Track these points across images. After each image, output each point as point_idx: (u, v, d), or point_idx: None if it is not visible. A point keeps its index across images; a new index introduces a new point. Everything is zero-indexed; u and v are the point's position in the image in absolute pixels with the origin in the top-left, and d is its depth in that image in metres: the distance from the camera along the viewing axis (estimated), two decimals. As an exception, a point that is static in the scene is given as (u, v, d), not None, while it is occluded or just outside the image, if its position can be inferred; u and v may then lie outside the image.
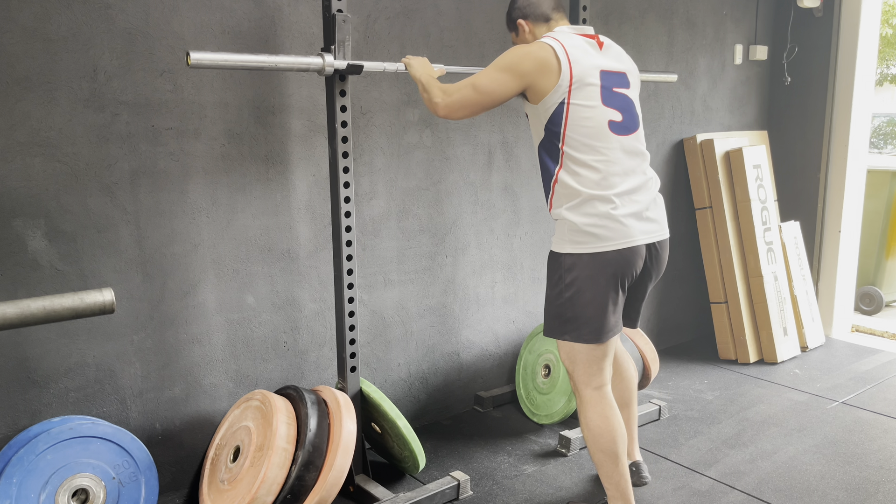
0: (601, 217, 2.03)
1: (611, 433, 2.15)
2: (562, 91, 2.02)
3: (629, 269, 2.09)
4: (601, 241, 2.04)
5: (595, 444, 2.17)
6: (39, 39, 2.07)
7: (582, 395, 2.18)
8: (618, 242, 2.04)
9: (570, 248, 2.07)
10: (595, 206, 2.04)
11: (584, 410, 2.19)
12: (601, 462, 2.18)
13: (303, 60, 2.20)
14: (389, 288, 2.93)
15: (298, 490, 2.18)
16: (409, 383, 3.07)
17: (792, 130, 4.34)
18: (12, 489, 1.99)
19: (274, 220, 2.59)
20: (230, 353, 2.56)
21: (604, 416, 2.15)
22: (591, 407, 2.16)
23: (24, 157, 2.09)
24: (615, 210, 2.04)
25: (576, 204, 2.05)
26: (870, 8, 4.03)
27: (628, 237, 2.05)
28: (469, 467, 2.74)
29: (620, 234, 2.04)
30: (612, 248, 2.04)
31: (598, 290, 2.06)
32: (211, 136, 2.40)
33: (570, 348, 2.15)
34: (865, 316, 4.89)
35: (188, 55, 1.95)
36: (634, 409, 2.55)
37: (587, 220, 2.04)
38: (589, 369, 2.15)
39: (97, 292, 1.58)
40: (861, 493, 2.55)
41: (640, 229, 2.09)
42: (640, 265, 2.12)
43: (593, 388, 2.16)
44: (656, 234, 2.15)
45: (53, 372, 2.22)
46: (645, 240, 2.10)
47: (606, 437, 2.15)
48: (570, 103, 2.03)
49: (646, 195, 2.13)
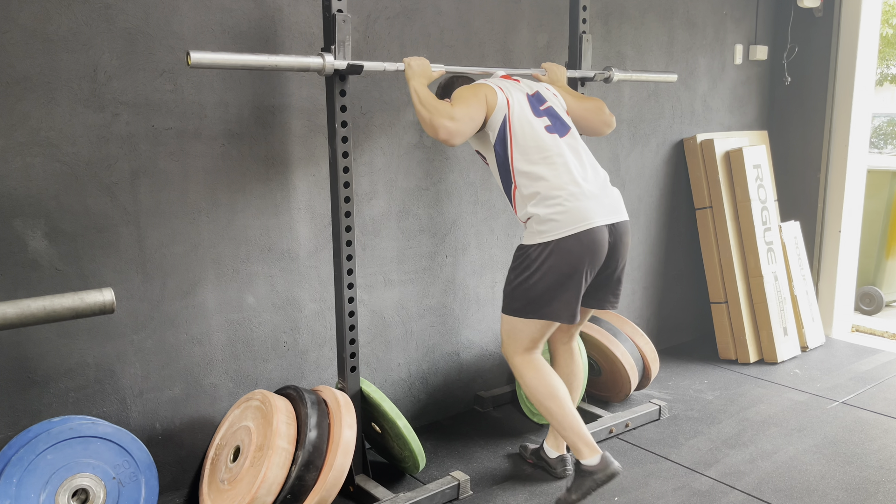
0: (561, 205, 2.26)
1: (546, 383, 2.40)
2: (501, 111, 2.33)
3: (594, 251, 2.27)
4: (564, 227, 2.24)
5: (538, 398, 2.40)
6: (39, 39, 2.07)
7: (513, 362, 2.44)
8: (579, 226, 2.24)
9: (538, 238, 2.29)
10: (553, 197, 2.27)
11: (519, 374, 2.43)
12: (549, 410, 2.39)
13: (303, 60, 2.20)
14: (389, 288, 2.93)
15: (298, 490, 2.18)
16: (409, 383, 3.07)
17: (792, 130, 4.34)
18: (12, 489, 1.99)
19: (274, 220, 2.59)
20: (230, 353, 2.56)
21: (536, 372, 2.41)
22: (524, 369, 2.42)
23: (24, 157, 2.09)
24: (572, 197, 2.26)
25: (537, 200, 2.28)
26: (870, 8, 4.03)
27: (587, 220, 2.25)
28: (469, 467, 2.74)
29: (580, 217, 2.25)
30: (574, 231, 2.24)
31: (563, 273, 2.27)
32: (211, 136, 2.40)
33: (515, 324, 2.38)
34: (865, 316, 4.89)
35: (188, 55, 1.95)
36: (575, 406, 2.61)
37: (549, 210, 2.26)
38: (524, 343, 2.40)
39: (97, 292, 1.58)
40: (861, 493, 2.55)
41: (598, 211, 2.29)
42: (604, 247, 2.30)
43: (527, 353, 2.43)
44: (615, 216, 2.34)
45: (53, 372, 2.22)
46: (604, 220, 2.29)
47: (545, 385, 2.40)
48: (511, 119, 2.33)
49: (596, 183, 2.35)
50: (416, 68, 2.36)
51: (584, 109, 2.59)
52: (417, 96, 2.30)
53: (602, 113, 2.61)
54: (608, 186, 2.40)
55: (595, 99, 2.63)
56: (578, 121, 2.58)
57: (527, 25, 3.16)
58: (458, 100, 2.31)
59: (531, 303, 2.32)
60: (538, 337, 2.40)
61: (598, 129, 2.65)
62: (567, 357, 2.66)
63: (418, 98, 2.29)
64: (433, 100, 2.27)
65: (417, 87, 2.32)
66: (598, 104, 2.61)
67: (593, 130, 2.66)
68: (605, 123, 2.63)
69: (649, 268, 3.96)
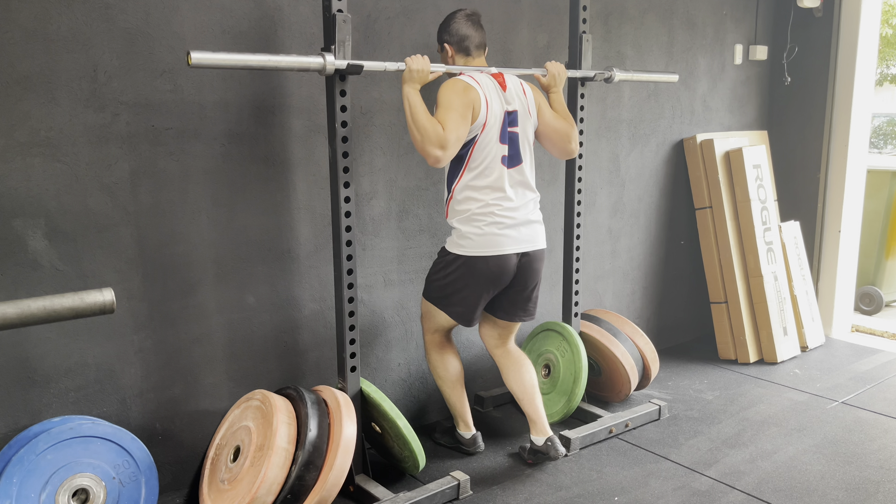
0: (481, 229, 2.47)
1: (447, 366, 2.75)
2: (476, 129, 2.42)
3: (498, 274, 2.52)
4: (478, 248, 2.48)
5: (435, 372, 2.77)
6: (39, 39, 2.07)
7: (426, 339, 2.77)
8: (489, 250, 2.48)
9: (456, 249, 2.53)
10: (478, 221, 2.47)
11: (429, 354, 2.77)
12: (444, 391, 2.79)
13: (303, 60, 2.20)
14: (389, 288, 2.93)
15: (298, 490, 2.18)
16: (409, 383, 3.07)
17: (792, 130, 4.34)
18: (13, 489, 1.99)
19: (274, 220, 2.59)
20: (230, 352, 2.56)
21: (443, 354, 2.75)
22: (430, 347, 2.76)
23: (24, 157, 2.09)
24: (493, 225, 2.47)
25: (464, 218, 2.49)
26: (870, 8, 4.03)
27: (499, 247, 2.49)
28: (469, 467, 2.74)
29: (493, 244, 2.48)
30: (484, 254, 2.48)
31: (467, 286, 2.53)
32: (211, 136, 2.40)
33: (429, 308, 2.68)
34: (865, 316, 4.89)
35: (189, 55, 1.95)
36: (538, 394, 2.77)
37: (470, 230, 2.48)
38: (435, 327, 2.71)
39: (97, 292, 1.58)
40: (861, 493, 2.55)
41: (512, 241, 2.51)
42: (509, 272, 2.54)
43: (437, 334, 2.74)
44: (528, 245, 2.55)
45: (54, 372, 2.22)
46: (514, 250, 2.52)
47: (447, 368, 2.75)
48: (478, 141, 2.44)
49: (521, 215, 2.53)
50: (415, 73, 2.36)
51: (554, 131, 2.63)
52: (409, 107, 2.34)
53: (568, 141, 2.65)
54: (532, 219, 2.57)
55: (571, 124, 2.65)
56: (543, 139, 2.66)
57: (527, 25, 3.16)
58: (447, 111, 2.35)
59: (441, 298, 2.61)
60: (444, 325, 2.69)
61: (558, 153, 2.70)
62: (505, 359, 2.79)
63: (410, 111, 2.34)
64: (425, 117, 2.31)
65: (410, 94, 2.35)
66: (568, 130, 2.64)
67: (552, 151, 2.71)
68: (566, 151, 2.68)
69: (649, 268, 3.96)
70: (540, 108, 2.62)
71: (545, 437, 2.72)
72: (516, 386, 2.76)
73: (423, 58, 2.38)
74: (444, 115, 2.34)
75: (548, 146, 2.69)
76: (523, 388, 2.75)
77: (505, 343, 2.80)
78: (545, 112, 2.63)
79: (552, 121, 2.63)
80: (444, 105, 2.37)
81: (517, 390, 2.76)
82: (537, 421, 2.74)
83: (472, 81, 2.44)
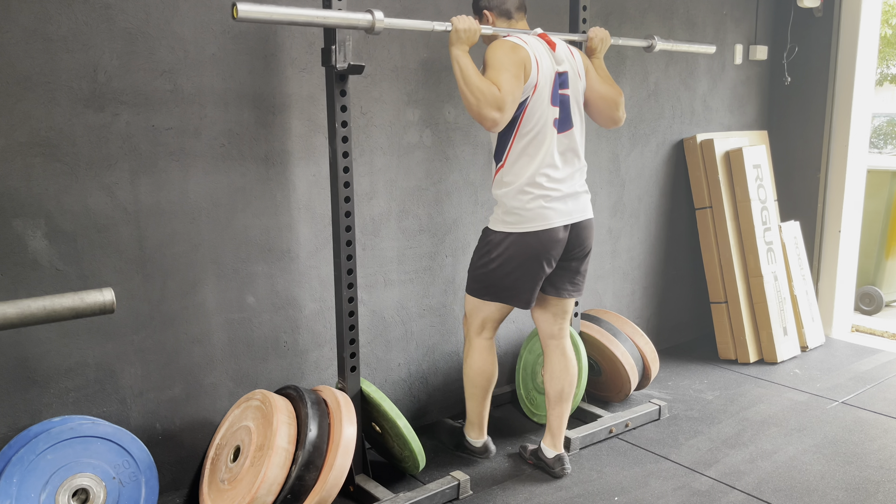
0: (529, 202, 2.35)
1: (488, 373, 2.63)
2: (527, 91, 2.29)
3: (547, 249, 2.40)
4: (525, 223, 2.37)
5: (473, 381, 2.64)
6: (39, 39, 2.07)
7: (471, 342, 2.62)
8: (538, 224, 2.36)
9: (501, 226, 2.41)
10: (526, 192, 2.35)
11: (470, 352, 2.63)
12: (473, 394, 2.67)
13: (351, 17, 2.13)
14: (389, 288, 2.93)
15: (299, 490, 2.18)
16: (409, 383, 3.07)
17: (792, 130, 4.34)
18: (13, 489, 1.99)
19: (274, 220, 2.59)
20: (230, 352, 2.56)
21: (486, 360, 2.62)
22: (478, 352, 2.61)
23: (24, 157, 2.09)
24: (541, 198, 2.36)
25: (511, 190, 2.37)
26: (870, 8, 4.03)
27: (546, 220, 2.37)
28: (469, 467, 2.74)
29: (541, 217, 2.36)
30: (532, 229, 2.36)
31: (517, 265, 2.41)
32: (211, 136, 2.41)
33: (476, 304, 2.55)
34: (865, 316, 4.89)
35: (234, 7, 1.91)
36: (569, 406, 2.69)
37: (516, 204, 2.36)
38: (486, 324, 2.58)
39: (97, 292, 1.58)
40: (861, 493, 2.55)
41: (560, 212, 2.39)
42: (560, 244, 2.42)
43: (484, 337, 2.61)
44: (577, 216, 2.45)
45: (54, 372, 2.22)
46: (563, 222, 2.40)
47: (484, 375, 2.63)
48: (529, 103, 2.31)
49: (569, 184, 2.42)
50: (463, 34, 2.25)
51: (600, 97, 2.52)
52: (460, 70, 2.22)
53: (616, 108, 2.55)
54: (579, 190, 2.46)
55: (618, 90, 2.55)
56: (589, 106, 2.54)
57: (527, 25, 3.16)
58: (499, 71, 2.22)
59: (490, 286, 2.48)
60: (495, 318, 2.58)
61: (604, 121, 2.60)
62: (557, 354, 2.66)
63: (461, 73, 2.21)
64: (478, 79, 2.19)
65: (460, 57, 2.24)
66: (616, 97, 2.54)
67: (598, 119, 2.60)
68: (613, 120, 2.58)
69: (649, 268, 3.96)
70: (588, 72, 2.51)
71: (556, 452, 2.67)
72: (551, 388, 2.66)
73: (469, 17, 2.28)
74: (497, 76, 2.21)
75: (594, 114, 2.57)
76: (558, 393, 2.64)
77: (560, 332, 2.65)
78: (592, 76, 2.52)
79: (599, 86, 2.52)
80: (495, 65, 2.24)
81: (550, 392, 2.66)
82: (556, 434, 2.68)
83: (520, 41, 2.31)
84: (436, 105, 2.94)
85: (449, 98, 2.97)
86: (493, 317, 2.58)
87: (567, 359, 2.66)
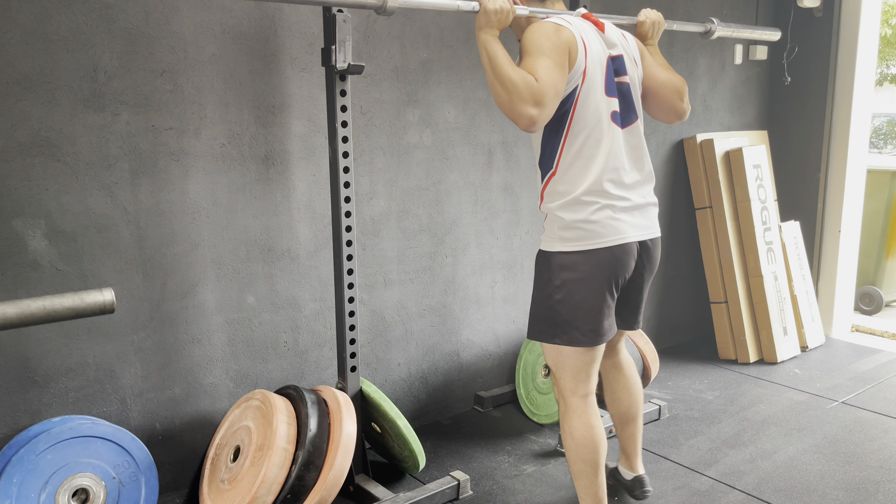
0: (593, 213, 1.95)
1: (595, 443, 2.06)
2: (575, 80, 1.91)
3: (621, 267, 2.00)
4: (592, 239, 1.95)
5: (578, 454, 2.07)
6: (39, 39, 2.07)
7: (568, 403, 2.08)
8: (610, 240, 1.96)
9: (559, 245, 1.99)
10: (589, 203, 1.95)
11: (568, 419, 2.08)
12: (581, 472, 2.08)
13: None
14: (389, 288, 2.93)
15: (298, 490, 2.18)
16: (409, 383, 3.07)
17: (792, 130, 4.34)
18: (13, 489, 1.99)
19: (274, 220, 2.59)
20: (230, 352, 2.56)
21: (589, 426, 2.06)
22: (577, 416, 2.07)
23: (24, 157, 2.09)
24: (608, 207, 1.96)
25: (568, 200, 1.96)
26: (870, 8, 4.03)
27: (620, 234, 1.98)
28: (469, 467, 2.74)
29: (612, 230, 1.97)
30: (603, 245, 1.96)
31: (590, 291, 1.97)
32: (211, 136, 2.41)
33: (557, 353, 2.05)
34: (865, 316, 4.89)
35: None
36: (640, 424, 2.42)
37: (578, 217, 1.95)
38: (577, 376, 2.06)
39: (97, 292, 1.58)
40: (861, 493, 2.55)
41: (633, 225, 2.02)
42: (632, 264, 2.04)
43: (580, 395, 2.08)
44: (648, 232, 2.09)
45: (54, 372, 2.22)
46: (637, 237, 2.03)
47: (591, 447, 2.06)
48: (580, 95, 1.92)
49: (640, 192, 2.06)
50: (493, 15, 1.90)
51: (661, 84, 2.14)
52: (489, 58, 1.85)
53: (680, 98, 2.16)
54: (650, 201, 2.11)
55: (680, 77, 2.18)
56: (648, 97, 2.17)
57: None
58: (537, 57, 1.83)
59: (558, 324, 2.01)
60: (582, 366, 2.04)
61: (666, 114, 2.21)
62: (612, 372, 2.37)
63: (490, 62, 1.85)
64: (511, 69, 1.81)
65: (488, 43, 1.88)
66: (679, 83, 2.16)
67: (659, 113, 2.22)
68: (676, 112, 2.19)
69: (649, 268, 3.96)
70: (644, 58, 2.13)
71: (634, 474, 2.43)
72: (613, 409, 2.39)
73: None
74: (535, 63, 1.82)
75: (654, 106, 2.18)
76: (622, 414, 2.37)
77: (614, 351, 2.33)
78: (649, 63, 2.14)
79: (659, 72, 2.14)
80: (533, 51, 1.84)
81: (613, 414, 2.40)
82: (630, 455, 2.43)
83: (564, 21, 1.93)
84: (436, 105, 2.94)
85: (449, 98, 2.97)
86: (577, 365, 2.05)
87: (625, 375, 2.36)
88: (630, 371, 2.37)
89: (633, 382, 2.38)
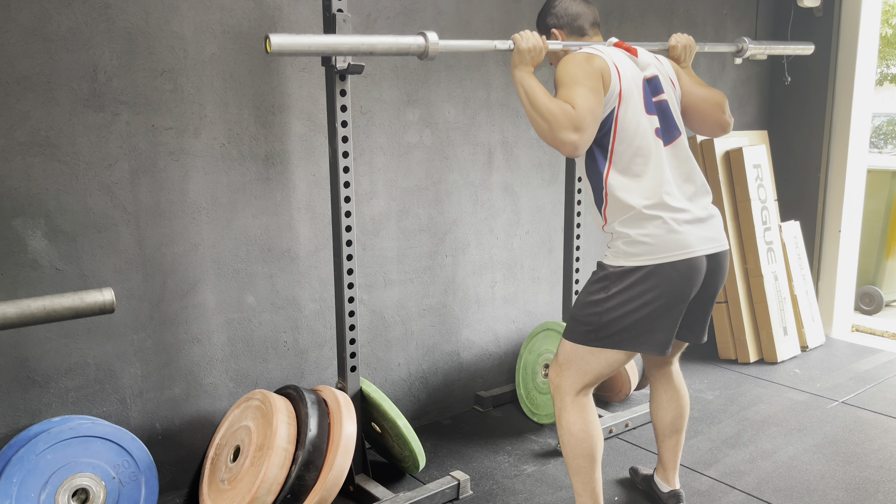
0: (657, 227, 1.96)
1: (592, 439, 2.09)
2: (611, 102, 1.97)
3: (688, 282, 1.99)
4: (660, 253, 1.96)
5: (576, 449, 2.09)
6: (39, 39, 2.07)
7: (566, 399, 2.10)
8: (677, 253, 1.96)
9: (623, 260, 1.99)
10: (651, 217, 1.96)
11: (566, 414, 2.10)
12: (580, 467, 2.11)
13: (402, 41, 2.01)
14: (389, 288, 2.93)
15: (298, 490, 2.18)
16: (409, 383, 3.07)
17: (792, 130, 4.34)
18: (12, 489, 1.99)
19: (274, 219, 2.59)
20: (230, 352, 2.56)
21: (587, 422, 2.09)
22: (575, 411, 2.09)
23: (24, 157, 2.09)
24: (672, 221, 1.97)
25: (628, 218, 1.98)
26: (870, 8, 4.03)
27: (686, 248, 1.97)
28: (469, 467, 2.74)
29: (678, 244, 1.97)
30: (670, 259, 1.96)
31: (659, 302, 1.97)
32: (211, 136, 2.41)
33: (581, 353, 2.06)
34: (865, 316, 4.89)
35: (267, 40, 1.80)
36: (682, 437, 2.40)
37: (643, 232, 1.96)
38: (586, 377, 2.07)
39: (97, 292, 1.58)
40: (861, 492, 2.55)
41: (700, 238, 2.01)
42: (699, 279, 2.02)
43: (582, 394, 2.10)
44: (716, 245, 2.06)
45: (53, 371, 2.22)
46: (705, 250, 2.02)
47: (588, 442, 2.09)
48: (618, 115, 1.98)
49: (700, 205, 2.06)
50: (527, 54, 2.02)
51: (702, 100, 2.19)
52: (526, 93, 1.96)
53: (721, 111, 2.20)
54: (712, 212, 2.10)
55: (717, 90, 2.23)
56: (690, 113, 2.21)
57: (527, 25, 3.16)
58: (571, 87, 1.91)
59: (603, 329, 2.01)
60: (605, 373, 2.07)
61: (710, 128, 2.24)
62: (661, 382, 2.36)
63: (528, 97, 1.94)
64: (548, 100, 1.90)
65: (524, 79, 1.99)
66: (719, 97, 2.21)
67: (703, 128, 2.25)
68: (720, 125, 2.23)
69: (649, 268, 3.95)
70: (680, 77, 2.19)
71: (671, 488, 2.41)
72: (658, 419, 2.37)
73: (532, 34, 2.04)
74: (570, 92, 1.90)
75: (697, 121, 2.22)
76: (667, 425, 2.36)
77: (670, 363, 2.33)
78: (686, 81, 2.20)
79: (697, 89, 2.19)
80: (567, 81, 1.93)
81: (657, 425, 2.38)
82: (669, 468, 2.41)
83: (594, 50, 2.01)
84: (436, 105, 2.94)
85: (449, 98, 2.97)
86: (602, 371, 2.07)
87: (674, 386, 2.34)
88: (680, 383, 2.36)
89: (682, 395, 2.36)
